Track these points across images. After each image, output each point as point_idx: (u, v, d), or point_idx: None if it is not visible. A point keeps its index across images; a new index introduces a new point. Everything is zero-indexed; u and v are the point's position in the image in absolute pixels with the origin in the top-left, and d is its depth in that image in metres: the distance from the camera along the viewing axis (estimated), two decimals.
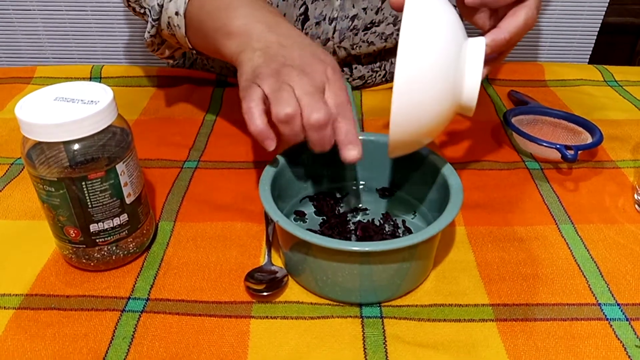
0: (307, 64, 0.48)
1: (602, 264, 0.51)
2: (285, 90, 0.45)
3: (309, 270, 0.46)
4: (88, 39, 1.32)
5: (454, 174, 0.49)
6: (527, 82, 0.85)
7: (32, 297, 0.47)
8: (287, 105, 0.44)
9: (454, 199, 0.46)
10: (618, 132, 0.72)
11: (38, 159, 0.43)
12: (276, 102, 0.45)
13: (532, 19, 0.51)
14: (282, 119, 0.44)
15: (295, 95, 0.45)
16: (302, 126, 0.45)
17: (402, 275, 0.45)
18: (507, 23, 0.51)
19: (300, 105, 0.45)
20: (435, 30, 0.42)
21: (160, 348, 0.42)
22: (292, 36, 0.51)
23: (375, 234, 0.52)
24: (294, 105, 0.44)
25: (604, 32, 1.47)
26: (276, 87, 0.46)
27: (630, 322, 0.45)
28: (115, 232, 0.47)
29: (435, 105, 0.43)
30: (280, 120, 0.45)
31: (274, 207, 0.45)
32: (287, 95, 0.45)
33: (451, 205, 0.46)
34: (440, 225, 0.43)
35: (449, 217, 0.44)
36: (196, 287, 0.48)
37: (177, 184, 0.61)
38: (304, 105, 0.44)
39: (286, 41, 0.50)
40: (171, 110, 0.77)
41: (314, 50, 0.50)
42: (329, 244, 0.41)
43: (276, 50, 0.49)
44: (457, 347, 0.43)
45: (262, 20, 0.52)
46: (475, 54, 0.45)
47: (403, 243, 0.41)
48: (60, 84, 0.46)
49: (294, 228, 0.43)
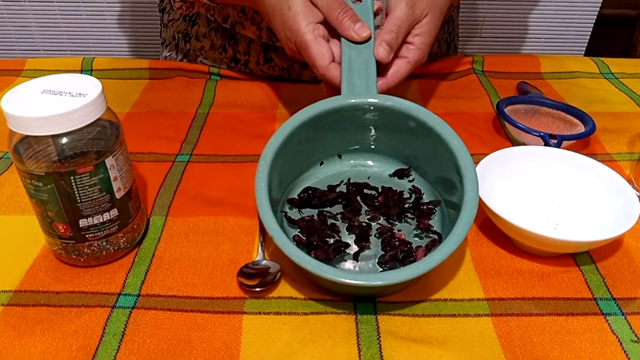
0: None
1: (598, 258, 0.50)
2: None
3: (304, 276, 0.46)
4: (79, 31, 1.31)
5: (473, 181, 0.46)
6: (523, 75, 0.85)
7: (21, 294, 0.46)
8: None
9: (465, 214, 0.44)
10: (614, 124, 0.72)
11: (26, 153, 0.42)
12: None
13: (419, 63, 0.57)
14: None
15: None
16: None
17: (404, 285, 0.45)
18: (392, 76, 0.56)
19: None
20: None
21: (152, 345, 0.42)
22: None
23: (393, 206, 0.51)
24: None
25: (600, 24, 1.47)
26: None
27: (626, 317, 0.45)
28: (105, 227, 0.46)
29: None
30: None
31: (270, 217, 0.44)
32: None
33: (462, 224, 0.43)
34: (450, 248, 0.42)
35: (460, 237, 0.43)
36: (188, 283, 0.47)
37: (169, 178, 0.60)
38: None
39: None
40: (163, 103, 0.76)
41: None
42: (326, 274, 0.41)
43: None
44: (452, 343, 0.42)
45: None
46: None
47: (409, 274, 0.41)
48: (48, 77, 0.45)
49: (294, 252, 0.42)
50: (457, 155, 0.47)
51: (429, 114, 0.50)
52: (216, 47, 0.83)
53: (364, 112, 0.51)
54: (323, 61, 0.53)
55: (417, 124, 0.50)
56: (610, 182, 0.53)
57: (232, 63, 0.84)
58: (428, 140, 0.50)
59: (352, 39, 0.53)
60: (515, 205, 0.55)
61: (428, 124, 0.49)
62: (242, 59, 0.82)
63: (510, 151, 0.56)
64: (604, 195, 0.52)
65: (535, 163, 0.56)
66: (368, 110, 0.51)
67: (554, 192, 0.56)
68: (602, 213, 0.52)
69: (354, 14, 0.54)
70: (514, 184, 0.56)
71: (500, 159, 0.55)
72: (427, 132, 0.50)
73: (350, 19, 0.53)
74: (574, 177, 0.55)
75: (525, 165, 0.56)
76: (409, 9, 0.54)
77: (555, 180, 0.56)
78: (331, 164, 0.57)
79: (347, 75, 0.52)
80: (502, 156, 0.55)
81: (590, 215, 0.52)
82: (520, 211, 0.54)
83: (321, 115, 0.50)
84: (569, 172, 0.55)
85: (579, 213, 0.53)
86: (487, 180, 0.52)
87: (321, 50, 0.53)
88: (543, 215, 0.55)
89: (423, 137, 0.50)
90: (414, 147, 0.54)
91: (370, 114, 0.52)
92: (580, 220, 0.53)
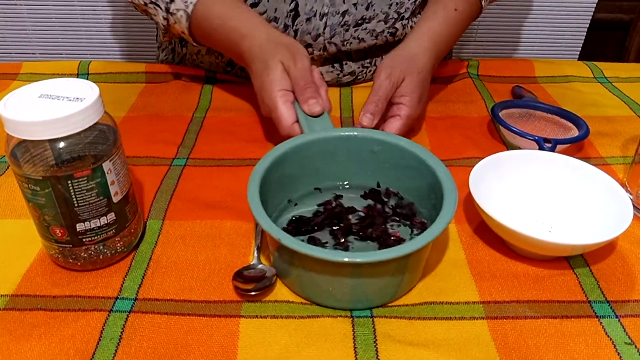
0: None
1: (592, 261, 0.51)
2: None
3: (297, 278, 0.46)
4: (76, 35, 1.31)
5: (446, 174, 0.49)
6: (518, 79, 0.85)
7: (18, 298, 0.46)
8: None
9: (447, 201, 0.46)
10: (607, 128, 0.73)
11: (23, 158, 0.42)
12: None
13: (412, 117, 0.65)
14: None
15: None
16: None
17: (396, 282, 0.45)
18: (388, 130, 0.63)
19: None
20: None
21: (149, 349, 0.42)
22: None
23: (378, 215, 0.52)
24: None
25: (594, 28, 1.48)
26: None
27: (619, 319, 0.45)
28: (102, 231, 0.46)
29: None
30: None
31: (261, 210, 0.44)
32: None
33: (445, 209, 0.45)
34: (437, 230, 0.43)
35: (445, 221, 0.44)
36: (185, 287, 0.47)
37: (165, 182, 0.60)
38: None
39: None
40: (160, 107, 0.76)
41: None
42: (318, 254, 0.41)
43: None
44: (447, 345, 0.42)
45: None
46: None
47: (398, 252, 0.41)
48: (45, 81, 0.45)
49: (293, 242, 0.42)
50: (421, 155, 0.51)
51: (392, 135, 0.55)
52: (212, 52, 0.83)
53: (328, 144, 0.55)
54: (287, 121, 0.60)
55: (382, 146, 0.54)
56: (604, 186, 0.53)
57: (229, 67, 0.84)
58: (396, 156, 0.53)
59: (305, 111, 0.60)
60: (510, 208, 0.55)
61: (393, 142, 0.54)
62: (238, 64, 0.82)
63: (505, 155, 0.57)
64: (598, 199, 0.53)
65: (530, 167, 0.57)
66: (331, 140, 0.55)
67: (548, 196, 0.56)
68: (596, 216, 0.52)
69: (313, 90, 0.61)
70: (509, 187, 0.56)
71: (495, 163, 0.55)
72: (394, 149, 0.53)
73: (309, 93, 0.60)
74: (568, 181, 0.55)
75: (519, 169, 0.57)
76: (385, 78, 0.64)
77: (550, 184, 0.56)
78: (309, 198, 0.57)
79: (307, 125, 0.58)
80: (497, 160, 0.56)
81: (584, 219, 0.53)
82: (515, 214, 0.55)
83: (292, 150, 0.53)
84: (563, 176, 0.56)
85: (573, 216, 0.54)
86: (482, 183, 0.53)
87: (286, 112, 0.60)
88: (537, 218, 0.55)
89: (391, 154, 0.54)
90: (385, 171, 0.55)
91: (333, 145, 0.55)
92: (574, 223, 0.53)
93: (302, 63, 0.62)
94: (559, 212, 0.55)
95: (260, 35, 0.64)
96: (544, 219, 0.55)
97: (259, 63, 0.63)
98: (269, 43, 0.63)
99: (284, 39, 0.65)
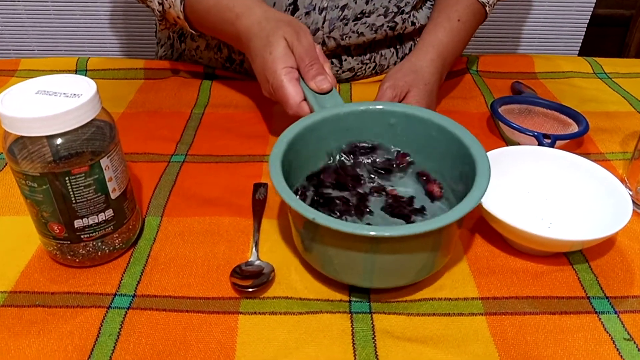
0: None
1: (591, 256, 0.51)
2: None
3: (318, 251, 0.45)
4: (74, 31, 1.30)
5: (472, 140, 0.49)
6: (517, 74, 0.85)
7: (16, 294, 0.46)
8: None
9: (480, 167, 0.45)
10: (607, 124, 0.73)
11: (20, 154, 0.42)
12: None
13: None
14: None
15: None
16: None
17: (421, 261, 0.44)
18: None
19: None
20: None
21: (147, 345, 0.42)
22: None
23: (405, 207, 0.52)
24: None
25: (594, 23, 1.48)
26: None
27: (618, 315, 0.45)
28: (100, 227, 0.46)
29: None
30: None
31: (282, 182, 0.44)
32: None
33: (480, 174, 0.44)
34: (480, 191, 0.43)
35: (484, 183, 0.43)
36: (183, 283, 0.47)
37: (164, 179, 0.60)
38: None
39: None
40: (158, 103, 0.76)
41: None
42: (338, 226, 0.39)
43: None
44: (446, 341, 0.42)
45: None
46: None
47: (423, 228, 0.40)
48: (42, 77, 0.45)
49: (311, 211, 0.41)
50: (450, 128, 0.51)
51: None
52: (211, 47, 0.83)
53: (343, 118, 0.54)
54: (295, 99, 0.58)
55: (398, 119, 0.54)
56: (604, 182, 0.53)
57: (227, 63, 0.84)
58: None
59: (313, 88, 0.58)
60: (509, 204, 0.55)
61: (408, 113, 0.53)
62: (237, 59, 0.82)
63: (505, 151, 0.56)
64: (597, 195, 0.53)
65: (529, 163, 0.56)
66: (346, 116, 0.54)
67: (547, 192, 0.56)
68: (595, 212, 0.52)
69: (320, 66, 0.59)
70: (508, 183, 0.56)
71: (495, 159, 0.55)
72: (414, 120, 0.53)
73: (316, 70, 0.59)
74: (568, 177, 0.55)
75: (519, 165, 0.56)
76: (388, 87, 0.64)
77: (549, 180, 0.56)
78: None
79: (316, 102, 0.57)
80: (496, 156, 0.55)
81: (583, 215, 0.53)
82: (514, 210, 0.55)
83: (307, 129, 0.52)
84: (562, 172, 0.56)
85: (572, 212, 0.54)
86: None
87: (293, 90, 0.58)
88: (537, 214, 0.55)
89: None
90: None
91: (348, 121, 0.54)
92: (573, 219, 0.53)
93: (307, 39, 0.60)
94: (558, 208, 0.55)
95: (258, 12, 0.62)
96: (543, 215, 0.55)
97: (259, 40, 0.60)
98: (268, 20, 0.61)
99: (283, 15, 0.63)
